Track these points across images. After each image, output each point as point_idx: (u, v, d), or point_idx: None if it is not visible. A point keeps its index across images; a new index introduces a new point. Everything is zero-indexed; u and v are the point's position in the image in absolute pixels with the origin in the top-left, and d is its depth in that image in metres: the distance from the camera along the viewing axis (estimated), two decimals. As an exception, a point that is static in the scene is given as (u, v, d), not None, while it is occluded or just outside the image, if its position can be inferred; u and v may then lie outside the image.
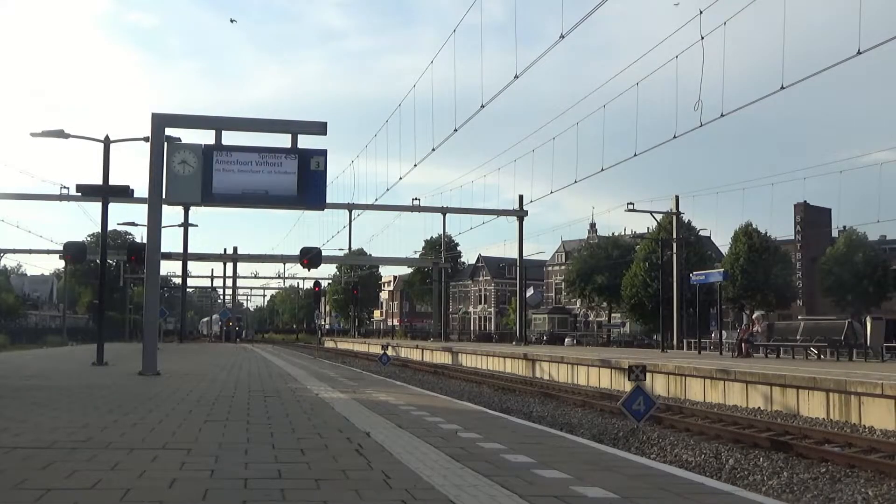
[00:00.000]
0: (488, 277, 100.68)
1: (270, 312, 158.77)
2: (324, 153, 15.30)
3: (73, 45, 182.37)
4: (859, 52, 15.25)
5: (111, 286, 58.29)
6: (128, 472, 4.84)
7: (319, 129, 15.42)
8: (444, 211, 51.52)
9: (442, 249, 63.58)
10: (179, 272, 57.21)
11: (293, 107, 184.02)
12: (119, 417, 7.85)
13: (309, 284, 78.20)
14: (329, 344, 70.46)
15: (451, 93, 24.80)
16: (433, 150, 27.69)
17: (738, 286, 53.31)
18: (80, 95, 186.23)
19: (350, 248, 55.38)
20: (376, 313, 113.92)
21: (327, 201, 17.89)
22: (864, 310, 47.21)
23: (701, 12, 18.13)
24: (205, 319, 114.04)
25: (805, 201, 64.03)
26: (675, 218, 43.01)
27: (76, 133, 19.87)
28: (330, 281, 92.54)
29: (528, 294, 69.23)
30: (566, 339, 61.33)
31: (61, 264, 69.21)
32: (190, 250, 51.40)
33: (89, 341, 45.31)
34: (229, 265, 69.52)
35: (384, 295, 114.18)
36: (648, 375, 15.86)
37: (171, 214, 45.97)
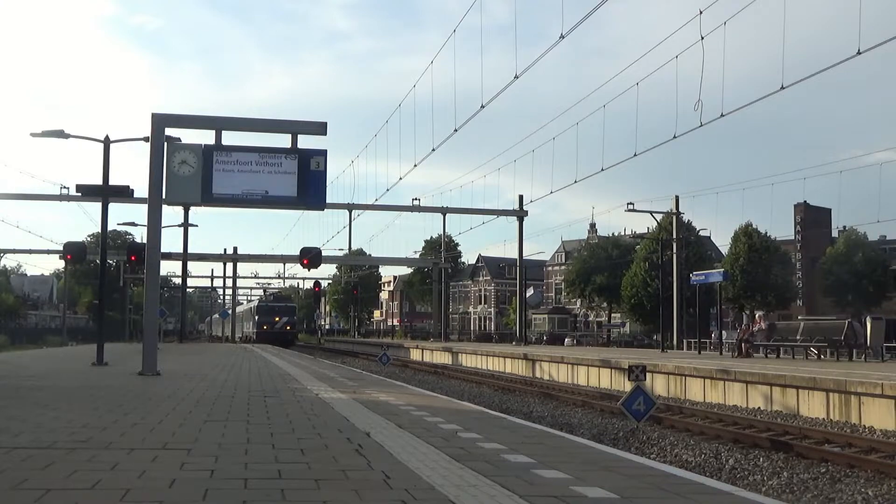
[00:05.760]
0: (488, 277, 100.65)
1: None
2: (324, 153, 15.29)
3: (76, 46, 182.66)
4: (859, 53, 15.25)
5: (111, 286, 58.23)
6: (128, 473, 4.84)
7: (319, 129, 15.40)
8: (444, 211, 51.50)
9: (442, 249, 63.53)
10: (179, 272, 57.08)
11: (296, 108, 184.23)
12: (119, 418, 7.85)
13: (309, 284, 73.77)
14: (329, 344, 70.44)
15: (452, 93, 24.82)
16: (433, 150, 27.72)
17: (738, 286, 53.28)
18: (80, 96, 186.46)
19: (350, 248, 55.31)
20: (376, 313, 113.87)
21: (327, 201, 17.88)
22: (864, 310, 47.21)
23: (701, 12, 18.14)
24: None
25: (805, 201, 64.01)
26: (675, 218, 43.02)
27: (76, 133, 19.88)
28: (330, 281, 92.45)
29: (528, 294, 69.23)
30: (566, 340, 61.32)
31: (61, 264, 69.09)
32: (190, 250, 51.26)
33: (89, 341, 45.33)
34: (229, 265, 69.35)
35: (384, 295, 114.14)
36: (648, 375, 15.88)
37: (171, 214, 45.95)
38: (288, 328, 61.55)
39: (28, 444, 5.98)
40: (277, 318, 60.46)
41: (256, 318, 62.44)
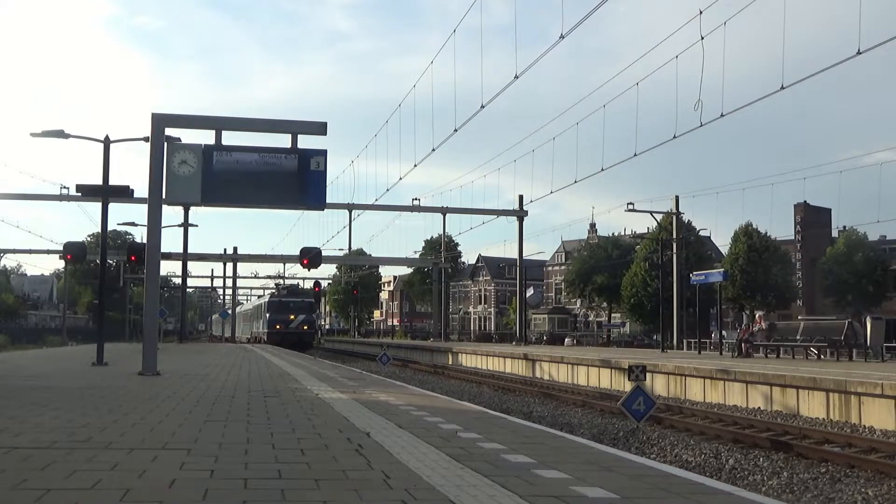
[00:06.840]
0: (488, 277, 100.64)
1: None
2: (324, 153, 15.28)
3: (76, 46, 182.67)
4: (859, 53, 15.27)
5: (111, 286, 58.17)
6: (128, 473, 4.84)
7: (319, 129, 15.39)
8: (444, 211, 51.49)
9: (442, 249, 63.52)
10: (179, 272, 57.03)
11: (296, 108, 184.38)
12: (119, 417, 7.85)
13: (309, 284, 74.13)
14: (329, 344, 70.43)
15: (452, 93, 24.88)
16: (433, 150, 27.81)
17: (737, 286, 53.27)
18: (80, 96, 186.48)
19: (350, 248, 55.14)
20: (376, 313, 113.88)
21: (327, 201, 17.88)
22: (864, 310, 47.20)
23: (701, 12, 18.17)
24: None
25: (805, 201, 63.99)
26: (675, 218, 43.02)
27: (76, 133, 19.87)
28: (330, 281, 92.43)
29: (528, 294, 69.20)
30: (566, 339, 61.35)
31: (61, 264, 69.09)
32: (190, 250, 51.28)
33: (89, 341, 45.32)
34: (229, 265, 69.30)
35: (384, 295, 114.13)
36: (648, 375, 15.88)
37: (171, 214, 45.99)
38: (305, 328, 52.67)
39: (28, 444, 5.97)
40: (293, 316, 51.85)
41: (268, 315, 54.19)
